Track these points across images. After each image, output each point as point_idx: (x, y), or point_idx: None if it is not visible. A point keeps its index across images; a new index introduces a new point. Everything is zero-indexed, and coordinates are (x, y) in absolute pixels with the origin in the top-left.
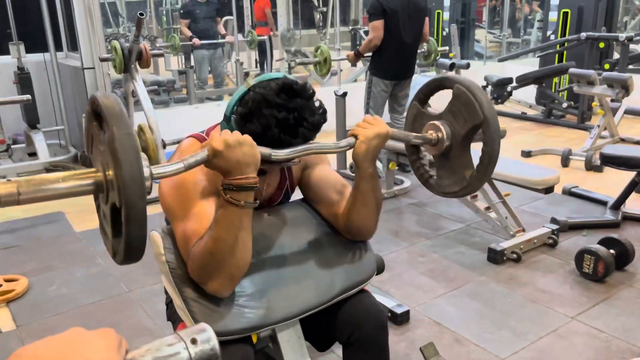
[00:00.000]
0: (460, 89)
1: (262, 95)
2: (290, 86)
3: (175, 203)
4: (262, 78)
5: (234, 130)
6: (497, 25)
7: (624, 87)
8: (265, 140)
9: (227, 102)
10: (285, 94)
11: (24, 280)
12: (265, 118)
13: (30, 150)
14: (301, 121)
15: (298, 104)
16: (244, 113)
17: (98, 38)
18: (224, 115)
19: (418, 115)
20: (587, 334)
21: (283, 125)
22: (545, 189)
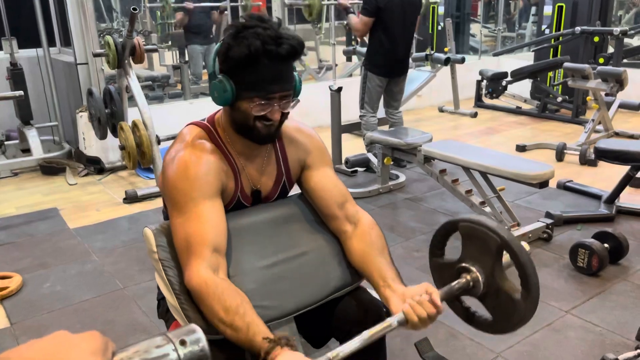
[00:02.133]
0: (465, 225)
1: (240, 23)
2: (259, 16)
3: (180, 196)
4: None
5: (224, 84)
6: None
7: (618, 81)
8: (253, 59)
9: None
10: (255, 19)
11: (17, 278)
12: (246, 39)
13: (24, 146)
14: (280, 35)
15: (271, 24)
16: (224, 49)
17: (91, 33)
18: (209, 75)
19: (442, 267)
20: (582, 327)
21: (265, 38)
22: (539, 184)
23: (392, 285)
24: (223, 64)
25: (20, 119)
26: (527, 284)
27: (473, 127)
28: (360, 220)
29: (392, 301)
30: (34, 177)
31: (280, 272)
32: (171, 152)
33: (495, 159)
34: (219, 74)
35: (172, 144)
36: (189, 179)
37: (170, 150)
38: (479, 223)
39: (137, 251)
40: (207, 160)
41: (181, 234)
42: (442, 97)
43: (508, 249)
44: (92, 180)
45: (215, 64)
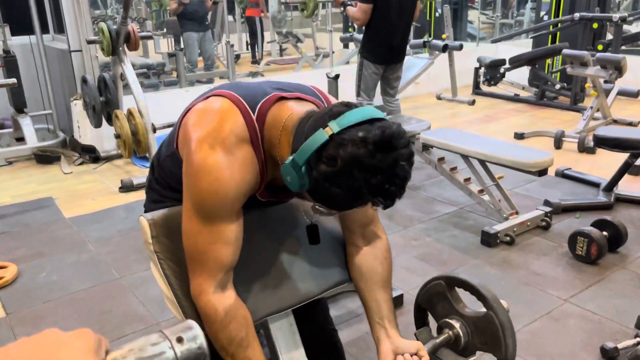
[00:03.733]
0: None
1: (354, 156)
2: (389, 141)
3: (205, 207)
4: (346, 121)
5: (301, 178)
6: (490, 6)
7: (617, 68)
8: (349, 203)
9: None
10: (381, 152)
11: (13, 267)
12: (357, 182)
13: (18, 135)
14: (393, 180)
15: (393, 158)
16: (328, 173)
17: (85, 20)
18: (290, 161)
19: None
20: (581, 316)
21: (375, 191)
22: (538, 172)
23: (387, 328)
24: (319, 181)
25: (14, 107)
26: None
27: (471, 114)
28: (377, 242)
29: (382, 346)
30: (28, 166)
31: (279, 267)
32: (204, 145)
33: (494, 146)
34: (305, 174)
35: (203, 118)
36: (218, 197)
37: (202, 134)
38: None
39: (134, 240)
40: (243, 180)
41: (198, 243)
42: (440, 85)
43: (484, 303)
44: (87, 169)
45: (307, 152)
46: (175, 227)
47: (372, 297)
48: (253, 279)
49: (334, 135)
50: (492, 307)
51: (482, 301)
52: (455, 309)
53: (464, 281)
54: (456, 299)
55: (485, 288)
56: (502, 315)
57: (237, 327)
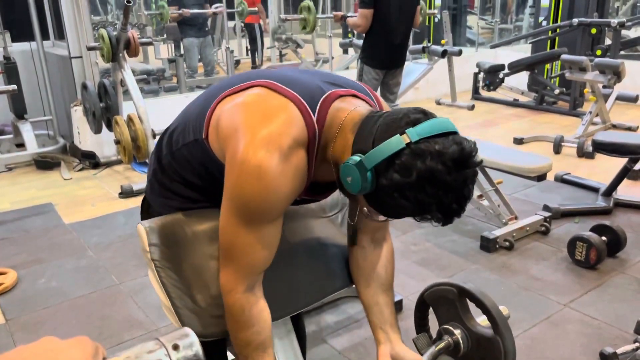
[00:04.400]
0: (452, 291)
1: (431, 170)
2: (467, 160)
3: (249, 209)
4: (426, 131)
5: (364, 182)
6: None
7: (615, 73)
8: (411, 215)
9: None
10: (457, 170)
11: (12, 273)
12: (427, 197)
13: (18, 141)
14: (460, 200)
15: (464, 177)
16: (400, 184)
17: (85, 26)
18: (355, 161)
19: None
20: (580, 321)
21: (444, 209)
22: (537, 177)
23: (388, 332)
24: (386, 188)
25: (14, 113)
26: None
27: (470, 119)
28: (383, 245)
29: (381, 349)
30: (28, 171)
31: (278, 274)
32: (258, 144)
33: (493, 151)
34: (371, 179)
35: (259, 115)
36: (265, 203)
37: (260, 135)
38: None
39: (133, 246)
40: (293, 189)
41: (235, 242)
42: (440, 90)
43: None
44: (87, 174)
45: (379, 157)
46: (173, 234)
47: (374, 301)
48: None
49: (412, 144)
50: (501, 334)
51: (491, 323)
52: (461, 318)
53: (478, 299)
54: (464, 310)
55: (498, 311)
56: (509, 343)
57: (258, 330)
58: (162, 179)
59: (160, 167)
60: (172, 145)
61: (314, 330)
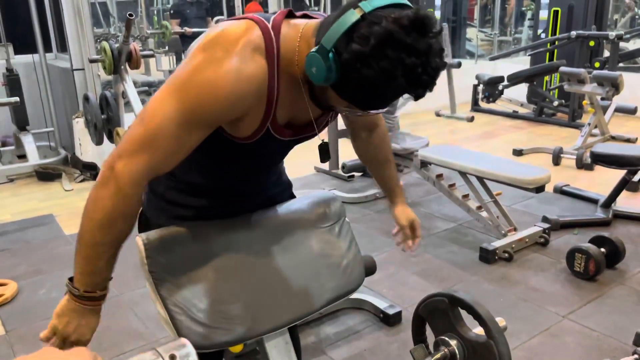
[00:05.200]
0: (443, 301)
1: (388, 32)
2: (423, 21)
3: (187, 104)
4: (378, 2)
5: (328, 67)
6: (488, 24)
7: (614, 85)
8: (381, 89)
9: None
10: (416, 32)
11: (13, 285)
12: (390, 62)
13: (20, 152)
14: (427, 67)
15: (427, 44)
16: (360, 52)
17: (87, 39)
18: (318, 45)
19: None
20: (579, 332)
21: (409, 74)
22: (536, 188)
23: (391, 196)
24: (348, 63)
25: (16, 125)
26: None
27: (470, 131)
28: (376, 130)
29: (395, 211)
30: (29, 183)
31: (274, 284)
32: (217, 44)
33: (492, 163)
34: (333, 60)
35: (219, 28)
36: (211, 105)
37: (215, 37)
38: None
39: (133, 257)
40: (246, 92)
41: (162, 129)
42: (439, 101)
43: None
44: (88, 186)
45: (336, 34)
46: (171, 247)
47: (378, 175)
48: (249, 296)
49: (366, 14)
50: (493, 337)
51: (484, 328)
52: (455, 328)
53: (469, 304)
54: (457, 318)
55: (489, 315)
56: (502, 346)
57: (127, 228)
58: (156, 189)
59: (156, 177)
60: None
61: (313, 341)
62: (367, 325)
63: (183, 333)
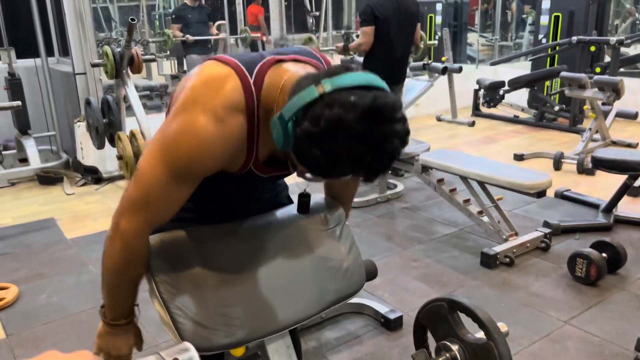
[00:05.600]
0: (442, 306)
1: (339, 119)
2: (379, 110)
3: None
4: (341, 82)
5: (286, 134)
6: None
7: (615, 90)
8: (328, 169)
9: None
10: (369, 120)
11: (14, 289)
12: (337, 147)
13: (21, 156)
14: (380, 156)
15: (382, 133)
16: (311, 132)
17: (89, 43)
18: (279, 114)
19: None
20: (580, 338)
21: (356, 161)
22: (537, 193)
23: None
24: (300, 138)
25: (18, 129)
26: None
27: (471, 136)
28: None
29: None
30: (31, 187)
31: (276, 286)
32: (196, 105)
33: (493, 168)
34: (290, 130)
35: (198, 80)
36: (195, 162)
37: (196, 94)
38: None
39: None
40: (225, 153)
41: (154, 189)
42: (440, 106)
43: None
44: (89, 190)
45: (294, 107)
46: (171, 250)
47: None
48: (251, 299)
49: (325, 94)
50: (493, 338)
51: (483, 330)
52: (455, 332)
53: (467, 307)
54: (457, 323)
55: (488, 317)
56: (502, 346)
57: (142, 268)
58: None
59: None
60: None
61: (314, 346)
62: (368, 330)
63: (184, 336)
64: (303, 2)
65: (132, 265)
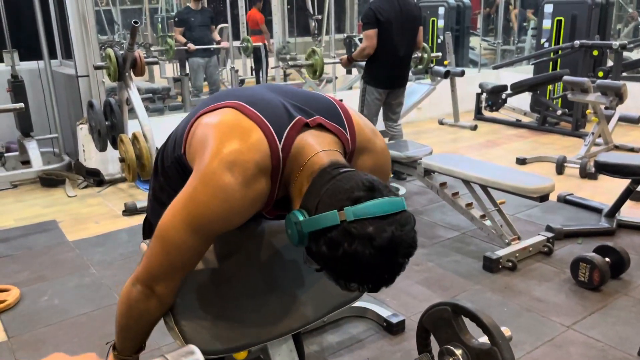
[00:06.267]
0: (446, 310)
1: (356, 255)
2: (395, 248)
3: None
4: (363, 212)
5: (301, 240)
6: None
7: (617, 94)
8: (337, 282)
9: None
10: (385, 256)
11: (15, 291)
12: (349, 274)
13: (24, 158)
14: (389, 279)
15: (395, 262)
16: (327, 256)
17: (92, 46)
18: (297, 219)
19: None
20: (583, 343)
21: (366, 284)
22: (540, 197)
23: None
24: (316, 257)
25: (20, 131)
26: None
27: (473, 139)
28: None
29: None
30: (33, 189)
31: (280, 290)
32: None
33: (496, 172)
34: (306, 234)
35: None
36: (218, 220)
37: (225, 154)
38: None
39: (136, 264)
40: (248, 213)
41: (175, 243)
42: (442, 110)
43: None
44: (91, 192)
45: (314, 225)
46: None
47: None
48: (254, 303)
49: (345, 223)
50: (497, 343)
51: (487, 335)
52: (459, 336)
53: (471, 312)
54: (461, 327)
55: (492, 322)
56: (506, 352)
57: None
58: (160, 198)
59: (159, 185)
60: (164, 162)
61: (316, 350)
62: (370, 334)
63: (188, 339)
64: (305, 6)
65: (161, 317)
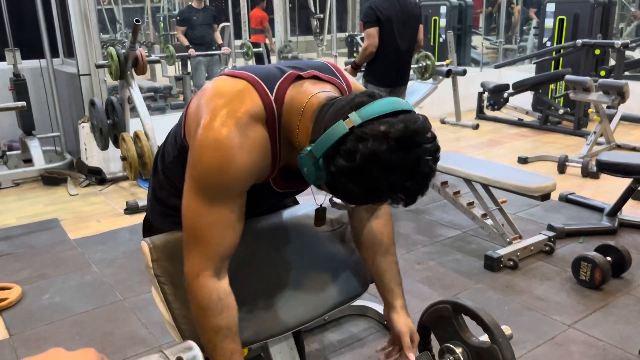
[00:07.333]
0: (446, 308)
1: (374, 154)
2: (412, 136)
3: (208, 186)
4: (369, 113)
5: (318, 171)
6: (493, 32)
7: (619, 93)
8: (366, 200)
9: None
10: (404, 149)
11: (17, 289)
12: (376, 180)
13: (26, 156)
14: (417, 179)
15: (416, 156)
16: (346, 169)
17: (94, 44)
18: (307, 151)
19: None
20: (584, 342)
21: (395, 188)
22: (541, 196)
23: (386, 298)
24: (335, 176)
25: (22, 130)
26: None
27: (475, 139)
28: (379, 212)
29: (384, 313)
30: (35, 187)
31: (279, 288)
32: (215, 120)
33: (497, 171)
34: (322, 166)
35: (216, 95)
36: (224, 176)
37: (214, 109)
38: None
39: (138, 262)
40: (252, 162)
41: (197, 222)
42: (444, 109)
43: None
44: (93, 190)
45: (325, 144)
46: (176, 250)
47: (376, 269)
48: (255, 300)
49: (355, 128)
50: (497, 342)
51: (487, 333)
52: (459, 335)
53: (471, 310)
54: (461, 325)
55: (492, 320)
56: (506, 350)
57: (227, 316)
58: (160, 196)
59: (159, 183)
60: (165, 158)
61: (317, 348)
62: (371, 332)
63: (186, 335)
64: (307, 5)
65: (208, 312)
